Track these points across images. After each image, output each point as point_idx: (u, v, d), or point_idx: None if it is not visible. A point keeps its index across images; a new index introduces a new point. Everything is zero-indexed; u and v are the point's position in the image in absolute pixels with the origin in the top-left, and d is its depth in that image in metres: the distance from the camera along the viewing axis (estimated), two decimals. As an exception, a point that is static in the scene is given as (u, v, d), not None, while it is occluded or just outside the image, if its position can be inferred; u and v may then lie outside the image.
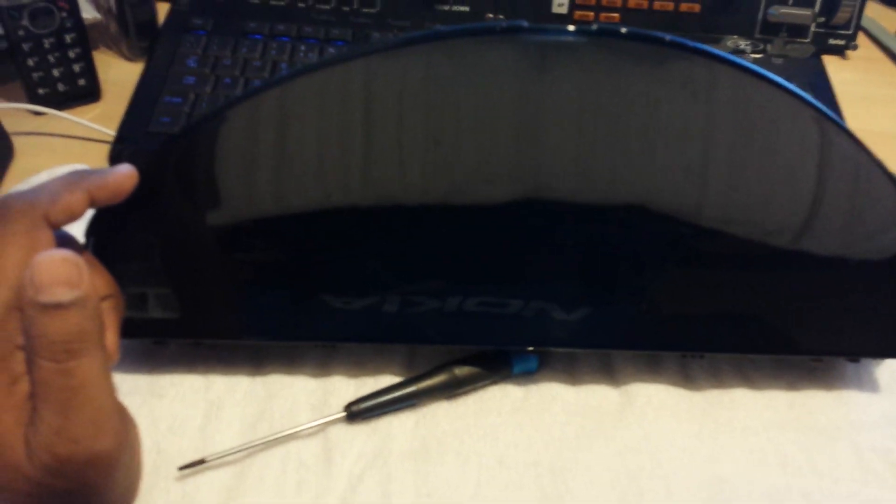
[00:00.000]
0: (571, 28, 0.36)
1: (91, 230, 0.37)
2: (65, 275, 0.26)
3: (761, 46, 0.61)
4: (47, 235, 0.30)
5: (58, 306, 0.26)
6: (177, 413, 0.39)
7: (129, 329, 0.39)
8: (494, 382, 0.42)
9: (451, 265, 0.39)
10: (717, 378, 0.43)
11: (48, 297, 0.25)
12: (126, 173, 0.34)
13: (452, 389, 0.41)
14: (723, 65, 0.37)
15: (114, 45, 0.63)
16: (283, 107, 0.36)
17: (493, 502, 0.37)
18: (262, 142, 0.37)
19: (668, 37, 0.36)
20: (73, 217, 0.32)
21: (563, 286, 0.39)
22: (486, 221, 0.38)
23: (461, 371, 0.41)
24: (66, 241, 0.34)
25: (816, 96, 0.57)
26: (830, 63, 0.62)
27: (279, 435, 0.38)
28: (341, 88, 0.36)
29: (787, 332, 0.41)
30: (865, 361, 0.44)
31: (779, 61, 0.60)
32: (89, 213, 0.38)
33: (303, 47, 0.58)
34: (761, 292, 0.40)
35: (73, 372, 0.26)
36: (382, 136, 0.37)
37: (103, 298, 0.33)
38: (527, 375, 0.42)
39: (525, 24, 0.36)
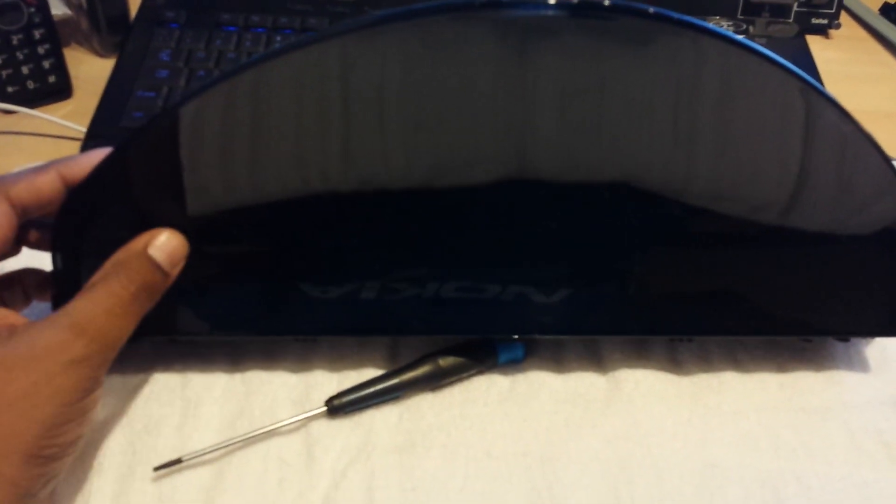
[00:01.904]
0: (552, 2, 0.35)
1: (58, 226, 0.36)
2: (176, 252, 0.35)
3: (744, 27, 0.60)
4: (3, 209, 0.33)
5: (155, 265, 0.34)
6: (153, 412, 0.38)
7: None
8: (480, 372, 0.41)
9: (434, 249, 0.38)
10: (706, 361, 0.42)
11: (157, 255, 0.34)
12: (101, 153, 0.35)
13: (437, 380, 0.40)
14: (707, 36, 0.36)
15: (85, 41, 0.61)
16: (258, 90, 0.35)
17: (482, 495, 0.36)
18: (237, 128, 0.36)
19: (651, 9, 0.35)
20: (42, 198, 0.35)
21: (547, 269, 0.39)
22: (469, 204, 0.37)
23: (446, 361, 0.40)
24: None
25: (800, 75, 0.56)
26: (814, 43, 0.62)
27: (259, 432, 0.37)
28: (317, 70, 0.35)
29: (775, 313, 0.40)
30: (855, 340, 0.43)
31: (762, 42, 0.59)
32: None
33: (278, 38, 0.57)
34: (749, 272, 0.39)
35: (133, 299, 0.33)
36: (361, 120, 0.36)
37: None
38: (513, 364, 0.42)
39: None
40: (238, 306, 0.39)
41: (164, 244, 0.34)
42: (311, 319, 0.39)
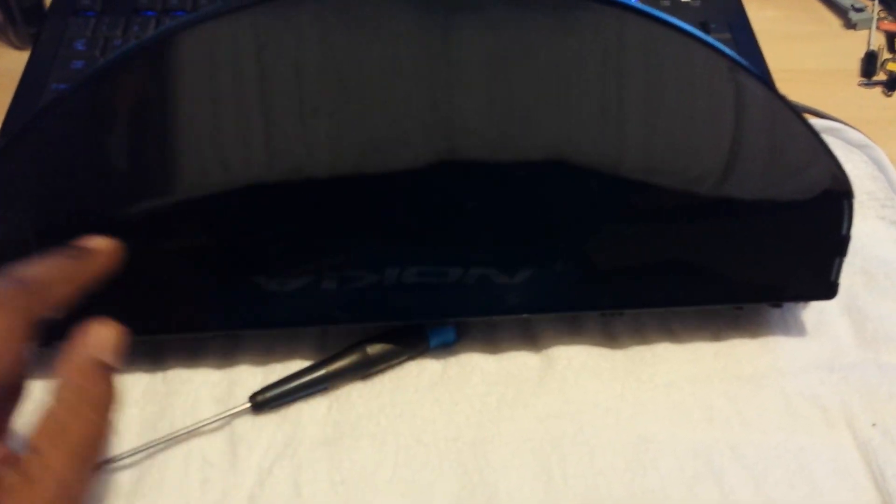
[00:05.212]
0: None
1: None
2: (117, 344, 0.29)
3: (680, -11, 0.59)
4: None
5: (107, 367, 0.28)
6: (70, 418, 0.37)
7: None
8: (411, 358, 0.40)
9: (378, 235, 0.37)
10: (640, 334, 0.41)
11: (106, 356, 0.28)
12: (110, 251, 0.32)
13: (366, 369, 0.39)
14: (631, 14, 0.35)
15: (1, 34, 0.59)
16: (167, 67, 0.34)
17: (411, 483, 0.36)
18: (152, 110, 0.34)
19: None
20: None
21: (488, 250, 0.38)
22: (404, 187, 0.36)
23: (374, 349, 0.39)
24: None
25: (735, 36, 0.55)
26: (751, 2, 0.61)
27: (180, 433, 0.36)
28: (229, 48, 0.34)
29: (709, 282, 0.40)
30: (790, 305, 0.43)
31: (697, 3, 0.58)
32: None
33: (200, 22, 0.55)
34: (683, 242, 0.39)
35: (109, 431, 0.28)
36: (280, 102, 0.35)
37: None
38: (445, 348, 0.41)
39: None
40: (172, 304, 0.37)
41: (108, 342, 0.29)
42: (270, 312, 0.38)
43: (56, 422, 0.27)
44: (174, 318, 0.38)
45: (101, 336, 0.29)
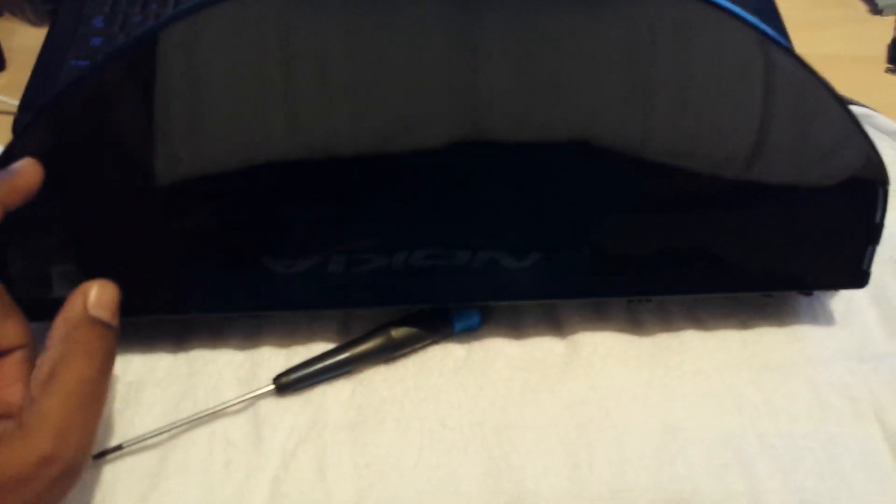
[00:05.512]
0: None
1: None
2: (114, 301, 0.30)
3: (705, -27, 0.58)
4: None
5: (105, 325, 0.30)
6: (92, 398, 0.37)
7: (36, 312, 0.36)
8: (435, 342, 0.40)
9: (393, 216, 0.36)
10: (666, 321, 0.41)
11: (102, 314, 0.30)
12: (32, 170, 0.33)
13: (390, 352, 0.39)
14: None
15: (18, 11, 0.58)
16: (191, 46, 0.33)
17: (437, 468, 0.35)
18: (172, 89, 0.33)
19: None
20: None
21: (510, 232, 0.37)
22: (425, 167, 0.36)
23: (398, 332, 0.39)
24: None
25: (762, 21, 0.54)
26: (777, -13, 0.60)
27: (203, 414, 0.36)
28: (253, 28, 0.33)
29: (737, 269, 0.39)
30: (819, 294, 0.42)
31: (723, -13, 0.57)
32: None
33: None
34: (711, 228, 0.38)
35: (102, 373, 0.29)
36: (304, 81, 0.34)
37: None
38: (469, 332, 0.40)
39: None
40: (192, 283, 0.37)
41: (101, 299, 0.30)
42: (277, 294, 0.37)
43: (48, 370, 0.28)
44: (190, 298, 0.37)
45: (95, 293, 0.30)
